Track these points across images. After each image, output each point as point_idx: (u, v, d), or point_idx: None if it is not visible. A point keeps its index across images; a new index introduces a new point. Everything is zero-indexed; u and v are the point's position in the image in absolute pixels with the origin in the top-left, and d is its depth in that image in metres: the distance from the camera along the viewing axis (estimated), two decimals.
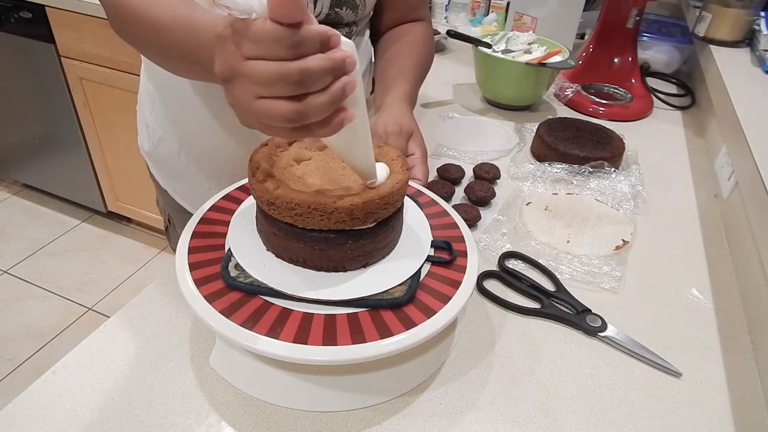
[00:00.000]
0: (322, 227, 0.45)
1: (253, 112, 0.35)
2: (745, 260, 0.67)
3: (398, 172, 0.48)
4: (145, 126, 0.81)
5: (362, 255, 0.47)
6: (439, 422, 0.47)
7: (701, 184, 0.86)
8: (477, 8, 1.56)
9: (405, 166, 0.49)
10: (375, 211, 0.45)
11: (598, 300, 0.61)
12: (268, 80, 0.33)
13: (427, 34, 0.83)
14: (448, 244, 0.51)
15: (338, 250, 0.46)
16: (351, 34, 0.74)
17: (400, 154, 0.51)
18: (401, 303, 0.45)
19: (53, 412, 0.46)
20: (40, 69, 1.78)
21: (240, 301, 0.44)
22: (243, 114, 0.37)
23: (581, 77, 1.12)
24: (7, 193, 2.32)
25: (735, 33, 1.09)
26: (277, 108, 0.34)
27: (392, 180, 0.47)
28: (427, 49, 0.82)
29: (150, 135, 0.80)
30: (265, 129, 0.37)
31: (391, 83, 0.73)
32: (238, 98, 0.36)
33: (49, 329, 1.75)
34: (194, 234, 0.51)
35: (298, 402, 0.47)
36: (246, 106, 0.35)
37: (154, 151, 0.81)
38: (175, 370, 0.50)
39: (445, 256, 0.51)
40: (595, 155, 0.82)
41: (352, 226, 0.45)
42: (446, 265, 0.50)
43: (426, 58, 0.82)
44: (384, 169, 0.48)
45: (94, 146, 1.91)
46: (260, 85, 0.33)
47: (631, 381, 0.52)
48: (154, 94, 0.77)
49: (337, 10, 0.69)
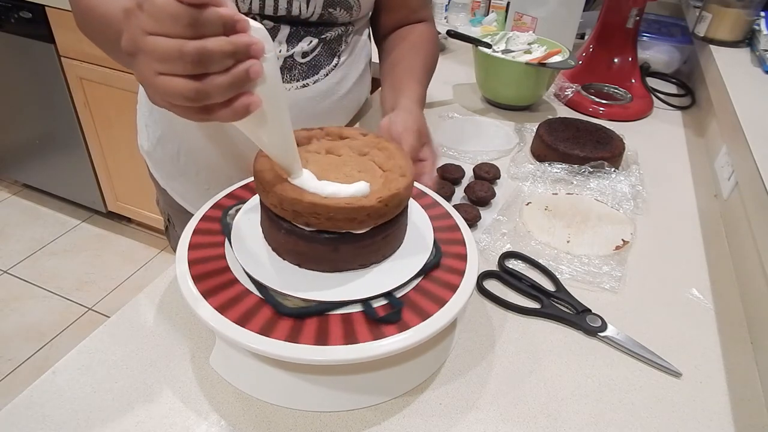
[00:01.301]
0: (326, 228, 0.45)
1: (154, 87, 0.35)
2: (745, 260, 0.67)
3: (405, 177, 0.47)
4: (144, 125, 0.81)
5: (366, 256, 0.47)
6: (439, 422, 0.47)
7: (701, 184, 0.86)
8: (477, 8, 1.56)
9: (411, 171, 0.49)
10: (379, 213, 0.45)
11: (598, 300, 0.61)
12: (165, 56, 0.33)
13: (432, 36, 0.84)
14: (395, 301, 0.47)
15: (341, 251, 0.46)
16: (348, 33, 0.74)
17: (407, 158, 0.50)
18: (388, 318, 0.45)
19: (53, 412, 0.46)
20: (40, 69, 1.78)
21: (240, 302, 0.44)
22: (148, 90, 0.37)
23: (581, 77, 1.12)
24: (7, 193, 2.32)
25: (735, 33, 1.09)
26: (176, 85, 0.34)
27: (397, 184, 0.46)
28: (433, 51, 0.83)
29: (149, 135, 0.80)
30: (171, 107, 0.37)
31: (403, 84, 0.73)
32: (142, 73, 0.35)
33: (49, 329, 1.75)
34: (194, 233, 0.51)
35: (298, 402, 0.47)
36: (148, 82, 0.35)
37: (154, 151, 0.81)
38: (175, 370, 0.50)
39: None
40: (595, 155, 0.82)
41: (354, 229, 0.45)
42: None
43: (433, 60, 0.82)
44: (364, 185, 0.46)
45: (94, 146, 1.91)
46: (159, 60, 0.33)
47: (631, 381, 0.52)
48: None
49: (331, 10, 0.69)
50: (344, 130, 0.54)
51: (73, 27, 1.62)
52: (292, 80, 0.70)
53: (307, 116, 0.72)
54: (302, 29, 0.69)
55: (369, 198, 0.44)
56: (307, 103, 0.72)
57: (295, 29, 0.68)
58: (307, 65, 0.71)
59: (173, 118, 0.76)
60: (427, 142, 0.68)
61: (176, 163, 0.79)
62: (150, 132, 0.80)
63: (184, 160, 0.78)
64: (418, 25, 0.83)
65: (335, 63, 0.73)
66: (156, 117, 0.78)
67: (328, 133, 0.54)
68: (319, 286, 0.46)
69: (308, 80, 0.71)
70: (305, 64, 0.70)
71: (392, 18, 0.83)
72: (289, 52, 0.69)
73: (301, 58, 0.70)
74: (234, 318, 0.43)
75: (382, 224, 0.46)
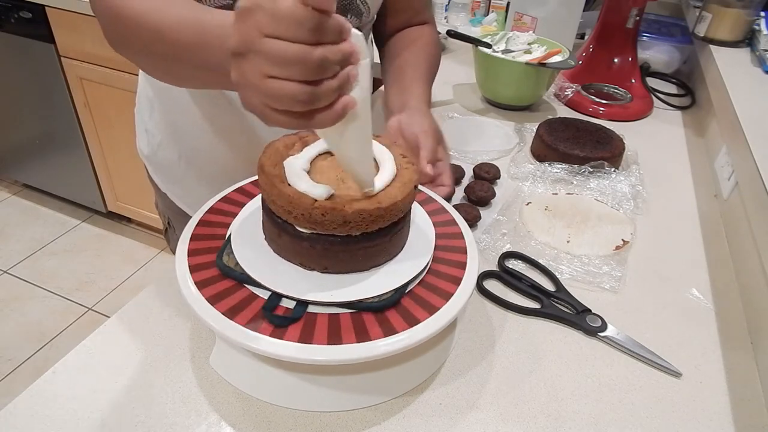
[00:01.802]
0: (331, 232, 0.45)
1: (262, 90, 0.35)
2: (745, 260, 0.67)
3: (409, 181, 0.47)
4: (144, 130, 0.81)
5: (368, 258, 0.47)
6: (439, 422, 0.47)
7: (701, 184, 0.86)
8: (477, 8, 1.56)
9: (416, 175, 0.48)
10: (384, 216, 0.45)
11: (598, 300, 0.61)
12: (286, 60, 0.33)
13: (434, 38, 0.84)
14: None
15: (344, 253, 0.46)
16: None
17: (413, 162, 0.50)
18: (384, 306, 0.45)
19: (53, 412, 0.46)
20: (40, 69, 1.78)
21: (240, 302, 0.44)
22: (249, 92, 0.36)
23: (581, 77, 1.12)
24: (7, 193, 2.32)
25: (735, 33, 1.08)
26: (291, 89, 0.34)
27: (403, 189, 0.46)
28: (436, 53, 0.83)
29: (149, 139, 0.80)
30: (269, 113, 0.36)
31: (410, 86, 0.73)
32: (247, 75, 0.35)
33: (49, 329, 1.75)
34: (193, 236, 0.51)
35: (298, 402, 0.47)
36: (255, 84, 0.35)
37: (154, 156, 0.81)
38: (175, 370, 0.50)
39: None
40: (595, 155, 0.82)
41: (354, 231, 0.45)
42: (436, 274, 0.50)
43: (436, 62, 0.83)
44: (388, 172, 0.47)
45: (94, 146, 1.91)
46: (277, 64, 0.33)
47: (631, 381, 0.52)
48: (153, 99, 0.77)
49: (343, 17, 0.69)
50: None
51: (73, 27, 1.63)
52: None
53: None
54: None
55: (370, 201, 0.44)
56: None
57: None
58: None
59: (173, 125, 0.76)
60: (442, 142, 0.68)
61: (177, 167, 0.78)
62: (150, 137, 0.79)
63: (185, 165, 0.77)
64: (420, 27, 0.83)
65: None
66: (157, 121, 0.77)
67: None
68: (320, 287, 0.46)
69: None
70: None
71: (395, 20, 0.83)
72: None
73: None
74: (239, 321, 0.43)
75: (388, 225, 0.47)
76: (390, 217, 0.45)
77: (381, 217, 0.45)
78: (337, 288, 0.46)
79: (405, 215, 0.48)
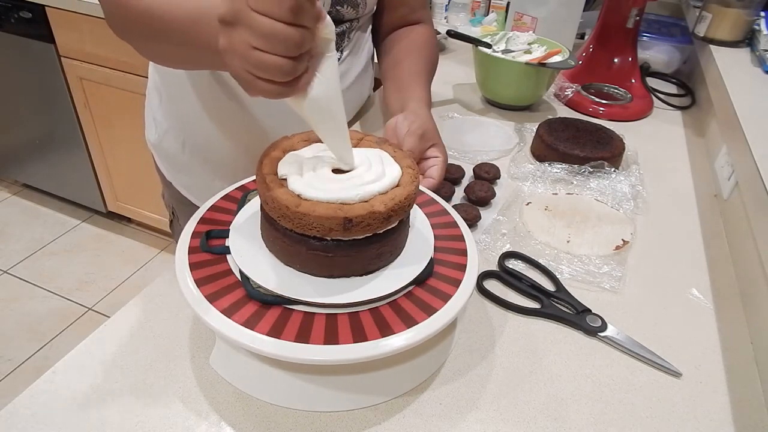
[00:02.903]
0: (329, 237, 0.44)
1: (247, 59, 0.38)
2: (745, 260, 0.67)
3: (409, 184, 0.47)
4: (152, 118, 0.82)
5: (388, 253, 0.48)
6: (439, 422, 0.47)
7: (701, 184, 0.86)
8: (477, 8, 1.56)
9: (416, 179, 0.48)
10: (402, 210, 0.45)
11: (598, 300, 0.61)
12: (269, 35, 0.36)
13: (431, 37, 0.84)
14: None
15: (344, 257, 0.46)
16: (351, 29, 0.75)
17: (413, 165, 0.50)
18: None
19: (53, 412, 0.46)
20: (40, 69, 1.78)
21: (240, 302, 0.44)
22: (235, 59, 0.39)
23: (581, 77, 1.12)
24: (7, 193, 2.32)
25: (735, 33, 1.09)
26: (275, 61, 0.37)
27: (402, 191, 0.46)
28: (434, 52, 0.83)
29: (157, 127, 0.81)
30: (251, 79, 0.39)
31: (408, 87, 0.74)
32: (235, 43, 0.38)
33: (49, 329, 1.75)
34: (194, 234, 0.51)
35: (298, 402, 0.47)
36: (242, 53, 0.38)
37: (160, 144, 0.82)
38: (175, 370, 0.50)
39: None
40: (595, 155, 0.82)
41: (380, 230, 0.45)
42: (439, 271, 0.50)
43: (434, 61, 0.83)
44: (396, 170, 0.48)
45: (94, 146, 1.91)
46: (261, 37, 0.36)
47: (631, 381, 0.52)
48: (160, 87, 0.78)
49: (339, 8, 0.70)
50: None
51: (73, 27, 1.63)
52: None
53: None
54: None
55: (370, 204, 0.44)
56: None
57: None
58: None
59: (178, 113, 0.76)
60: (436, 144, 0.68)
61: (181, 155, 0.80)
62: (158, 125, 0.81)
63: (189, 153, 0.79)
64: (416, 27, 0.84)
65: (338, 57, 0.74)
66: (165, 109, 0.79)
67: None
68: (322, 289, 0.46)
69: None
70: None
71: (391, 17, 0.83)
72: None
73: None
74: (239, 321, 0.43)
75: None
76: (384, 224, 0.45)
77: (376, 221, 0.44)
78: (339, 292, 0.46)
79: (404, 219, 0.48)
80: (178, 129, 0.78)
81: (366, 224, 0.43)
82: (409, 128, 0.64)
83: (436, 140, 0.69)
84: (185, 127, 0.77)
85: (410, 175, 0.48)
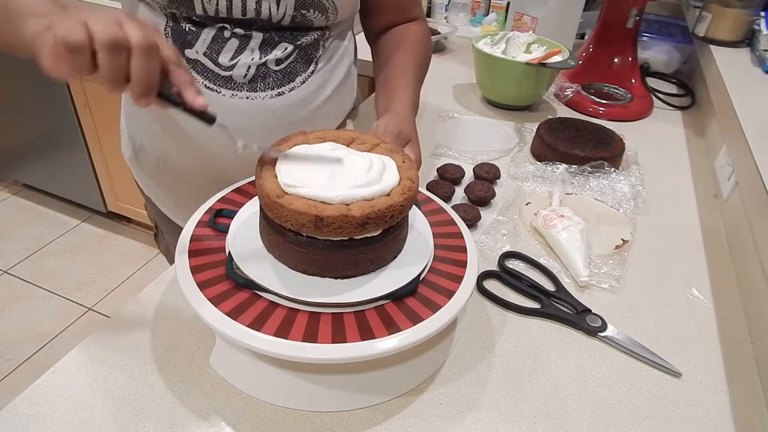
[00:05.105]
0: (327, 237, 0.44)
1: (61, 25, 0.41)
2: (745, 260, 0.67)
3: (398, 195, 0.46)
4: (127, 134, 0.80)
5: (368, 262, 0.47)
6: (439, 422, 0.47)
7: (701, 184, 0.86)
8: (477, 8, 1.56)
9: (409, 193, 0.47)
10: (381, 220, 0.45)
11: (598, 300, 0.61)
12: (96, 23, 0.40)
13: (423, 33, 0.83)
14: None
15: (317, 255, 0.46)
16: (324, 38, 0.72)
17: (413, 178, 0.49)
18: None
19: (53, 412, 0.46)
20: (40, 69, 1.78)
21: (240, 301, 0.44)
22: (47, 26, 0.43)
23: (581, 77, 1.12)
24: (7, 193, 2.32)
25: (735, 33, 1.09)
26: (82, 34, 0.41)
27: (385, 201, 0.45)
28: (426, 50, 0.82)
29: (132, 142, 0.80)
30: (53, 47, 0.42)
31: (395, 89, 0.73)
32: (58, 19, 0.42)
33: (49, 329, 1.75)
34: (194, 237, 0.51)
35: (298, 402, 0.47)
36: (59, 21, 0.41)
37: (136, 159, 0.80)
38: (175, 370, 0.50)
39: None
40: (595, 155, 0.82)
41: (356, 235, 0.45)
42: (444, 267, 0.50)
43: (424, 59, 0.82)
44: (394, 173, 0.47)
45: (94, 146, 1.91)
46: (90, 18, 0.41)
47: (631, 381, 0.52)
48: (130, 101, 0.77)
49: (304, 12, 0.66)
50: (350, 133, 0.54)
51: None
52: (266, 89, 0.68)
53: (286, 125, 0.70)
54: (276, 35, 0.67)
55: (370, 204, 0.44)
56: (284, 111, 0.70)
57: (268, 35, 0.66)
58: (282, 73, 0.69)
59: (150, 126, 0.75)
60: (410, 143, 0.66)
61: (156, 171, 0.78)
62: (132, 140, 0.79)
63: (163, 169, 0.77)
64: (410, 25, 0.83)
65: (312, 69, 0.71)
66: (138, 125, 0.77)
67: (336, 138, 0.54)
68: (325, 289, 0.46)
69: (283, 88, 0.69)
70: (279, 72, 0.68)
71: (383, 19, 0.82)
72: (262, 60, 0.66)
73: (275, 65, 0.68)
74: (239, 320, 0.43)
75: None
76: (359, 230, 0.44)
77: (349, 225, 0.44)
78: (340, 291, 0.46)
79: (402, 219, 0.48)
80: (151, 145, 0.76)
81: (338, 226, 0.43)
82: (385, 128, 0.64)
83: (411, 137, 0.67)
84: (158, 143, 0.75)
85: (405, 187, 0.47)
